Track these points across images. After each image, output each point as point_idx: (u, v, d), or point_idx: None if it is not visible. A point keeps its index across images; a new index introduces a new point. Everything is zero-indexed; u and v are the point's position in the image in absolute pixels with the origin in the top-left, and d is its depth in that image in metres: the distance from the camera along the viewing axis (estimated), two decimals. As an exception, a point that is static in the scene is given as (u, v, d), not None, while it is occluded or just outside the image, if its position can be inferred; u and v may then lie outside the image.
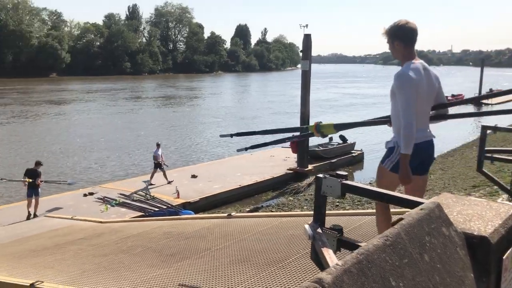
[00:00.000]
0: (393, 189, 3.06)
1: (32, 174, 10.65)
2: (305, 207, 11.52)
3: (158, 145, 13.93)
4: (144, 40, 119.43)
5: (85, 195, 12.24)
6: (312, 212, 2.29)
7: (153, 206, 11.03)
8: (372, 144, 20.16)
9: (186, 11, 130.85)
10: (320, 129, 4.11)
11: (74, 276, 4.29)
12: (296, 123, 16.71)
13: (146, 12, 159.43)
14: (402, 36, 3.15)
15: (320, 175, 2.02)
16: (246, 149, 6.28)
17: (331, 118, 25.88)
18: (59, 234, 6.83)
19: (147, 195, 11.75)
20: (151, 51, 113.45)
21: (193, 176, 14.09)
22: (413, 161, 3.01)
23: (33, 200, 10.35)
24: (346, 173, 2.04)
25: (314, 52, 17.62)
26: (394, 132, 3.18)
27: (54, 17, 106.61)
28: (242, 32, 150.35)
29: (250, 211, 11.67)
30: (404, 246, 1.25)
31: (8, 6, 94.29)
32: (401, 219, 1.38)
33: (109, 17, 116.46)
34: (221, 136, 6.67)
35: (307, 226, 2.08)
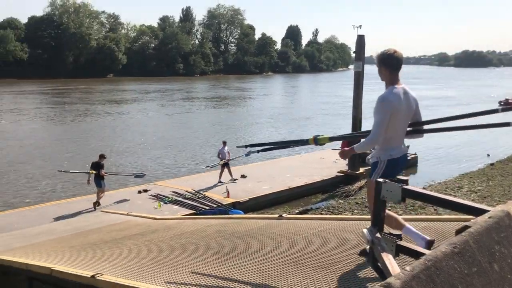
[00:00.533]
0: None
1: (96, 166, 11.39)
2: (355, 211, 11.35)
3: (224, 143, 14.14)
4: (196, 41, 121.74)
5: (139, 192, 12.65)
6: (364, 216, 2.28)
7: (204, 204, 11.25)
8: (427, 148, 19.57)
9: (238, 13, 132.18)
10: (318, 142, 4.56)
11: (132, 270, 4.46)
12: (349, 124, 16.52)
13: (199, 14, 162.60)
14: (388, 64, 3.63)
15: (380, 180, 1.99)
16: (246, 146, 6.30)
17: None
18: (116, 229, 7.10)
19: (198, 194, 11.99)
20: (203, 53, 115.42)
21: (243, 176, 14.21)
22: (396, 171, 3.56)
23: (100, 190, 11.30)
24: (407, 178, 2.01)
25: (367, 53, 17.30)
26: (375, 147, 3.67)
27: (112, 20, 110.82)
28: (293, 33, 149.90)
29: (299, 212, 11.64)
30: (473, 254, 1.22)
31: (70, 10, 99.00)
32: (467, 226, 1.35)
33: (164, 20, 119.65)
34: (238, 147, 6.86)
35: (365, 231, 2.06)
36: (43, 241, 6.74)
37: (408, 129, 3.80)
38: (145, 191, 12.66)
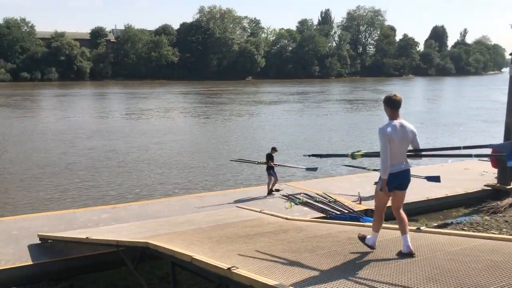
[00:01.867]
0: (385, 202, 5.10)
1: (269, 157, 12.50)
2: (504, 229, 10.22)
3: None
4: (334, 44, 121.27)
5: (271, 191, 13.02)
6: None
7: (334, 209, 11.11)
8: None
9: (379, 14, 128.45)
10: (354, 157, 5.82)
11: (265, 266, 4.60)
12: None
13: (338, 17, 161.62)
14: (389, 104, 4.91)
15: None
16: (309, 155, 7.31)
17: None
18: (250, 225, 7.39)
19: (329, 198, 11.89)
20: (340, 55, 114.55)
21: (376, 183, 13.71)
22: (393, 183, 4.86)
23: (271, 178, 12.43)
24: None
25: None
26: (380, 164, 4.87)
27: (254, 25, 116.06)
28: (437, 34, 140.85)
29: (438, 226, 10.85)
30: None
31: (216, 16, 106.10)
32: None
33: (302, 23, 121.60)
34: (305, 155, 8.07)
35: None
36: (185, 230, 7.29)
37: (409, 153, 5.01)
38: (277, 190, 12.96)
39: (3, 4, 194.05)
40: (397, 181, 4.84)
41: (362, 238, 5.13)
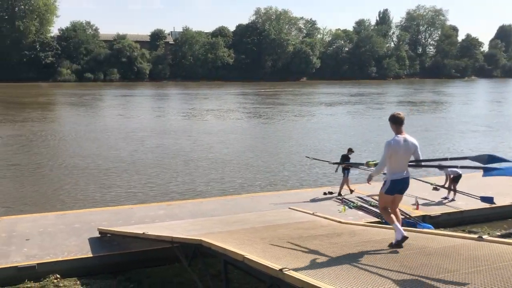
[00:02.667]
0: (388, 203, 5.86)
1: (344, 158, 12.54)
2: None
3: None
4: (392, 44, 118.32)
5: (325, 193, 12.85)
6: None
7: (390, 213, 10.82)
8: None
9: (440, 13, 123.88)
10: (369, 166, 6.78)
11: (317, 269, 4.53)
12: None
13: (397, 17, 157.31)
14: (394, 121, 5.66)
15: None
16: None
17: None
18: (302, 227, 7.33)
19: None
20: (398, 56, 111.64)
21: (435, 189, 13.19)
22: (396, 188, 5.69)
23: (348, 180, 12.58)
24: None
25: None
26: (386, 172, 5.81)
27: (309, 25, 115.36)
28: (504, 33, 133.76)
29: (502, 236, 10.28)
30: None
31: (272, 17, 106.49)
32: None
33: (360, 23, 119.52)
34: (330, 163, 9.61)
35: None
36: (238, 229, 7.35)
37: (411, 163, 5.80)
38: (330, 193, 12.80)
39: (71, 8, 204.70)
40: (399, 186, 5.69)
41: (395, 244, 5.36)
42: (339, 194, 12.50)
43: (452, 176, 12.19)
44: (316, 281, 4.08)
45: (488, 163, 5.77)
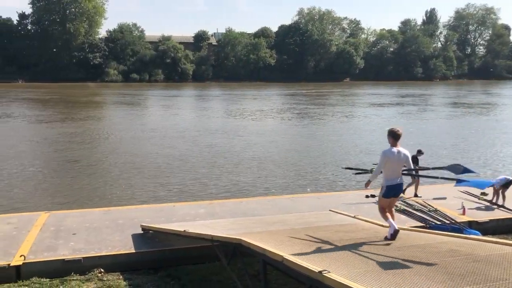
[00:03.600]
0: (385, 205, 6.78)
1: (413, 160, 12.12)
2: None
3: None
4: (439, 44, 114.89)
5: (367, 196, 12.60)
6: None
7: (435, 218, 10.47)
8: None
9: (491, 12, 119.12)
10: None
11: (357, 273, 4.45)
12: None
13: (445, 16, 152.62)
14: (391, 136, 6.60)
15: None
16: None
17: None
18: (343, 230, 7.22)
19: (429, 207, 11.24)
20: (446, 56, 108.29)
21: (483, 194, 12.68)
22: (390, 192, 6.65)
23: (417, 181, 12.44)
24: None
25: None
26: (382, 179, 6.76)
27: (353, 26, 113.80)
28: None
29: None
30: None
31: (315, 17, 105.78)
32: None
33: (405, 23, 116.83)
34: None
35: None
36: (278, 230, 7.33)
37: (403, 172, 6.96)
38: (373, 196, 12.54)
39: (119, 11, 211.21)
40: (393, 191, 6.66)
41: (389, 237, 6.16)
42: (415, 195, 12.38)
43: (497, 186, 11.69)
44: (357, 285, 4.00)
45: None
